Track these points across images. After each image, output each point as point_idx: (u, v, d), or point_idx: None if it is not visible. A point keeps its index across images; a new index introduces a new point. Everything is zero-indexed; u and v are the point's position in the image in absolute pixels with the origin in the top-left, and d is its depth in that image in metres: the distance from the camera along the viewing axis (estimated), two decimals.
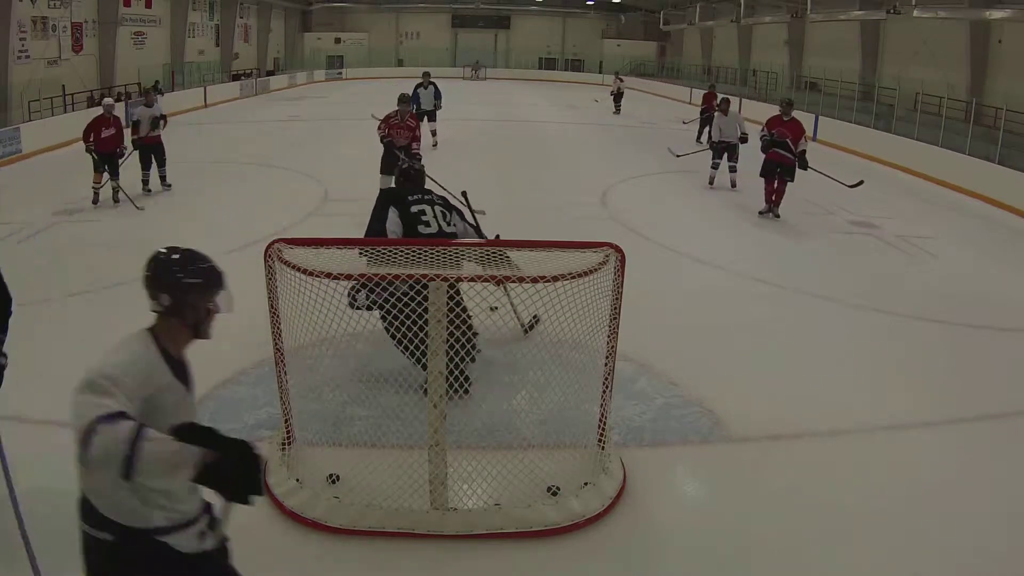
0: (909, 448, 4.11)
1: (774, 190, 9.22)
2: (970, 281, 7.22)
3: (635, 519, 3.37)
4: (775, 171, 9.14)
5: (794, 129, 9.18)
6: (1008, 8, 14.61)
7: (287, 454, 3.58)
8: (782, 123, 9.25)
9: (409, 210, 4.42)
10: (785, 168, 9.07)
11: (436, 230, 4.38)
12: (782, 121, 9.26)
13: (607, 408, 3.61)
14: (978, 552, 3.25)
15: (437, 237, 4.32)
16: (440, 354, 3.11)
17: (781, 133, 9.12)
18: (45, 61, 17.57)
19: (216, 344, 5.31)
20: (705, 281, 6.83)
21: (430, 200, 4.50)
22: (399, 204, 4.46)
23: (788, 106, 9.34)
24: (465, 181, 10.97)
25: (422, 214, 4.41)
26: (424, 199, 4.50)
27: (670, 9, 34.26)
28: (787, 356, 5.23)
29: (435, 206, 4.48)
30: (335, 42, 39.11)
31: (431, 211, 4.43)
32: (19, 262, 6.94)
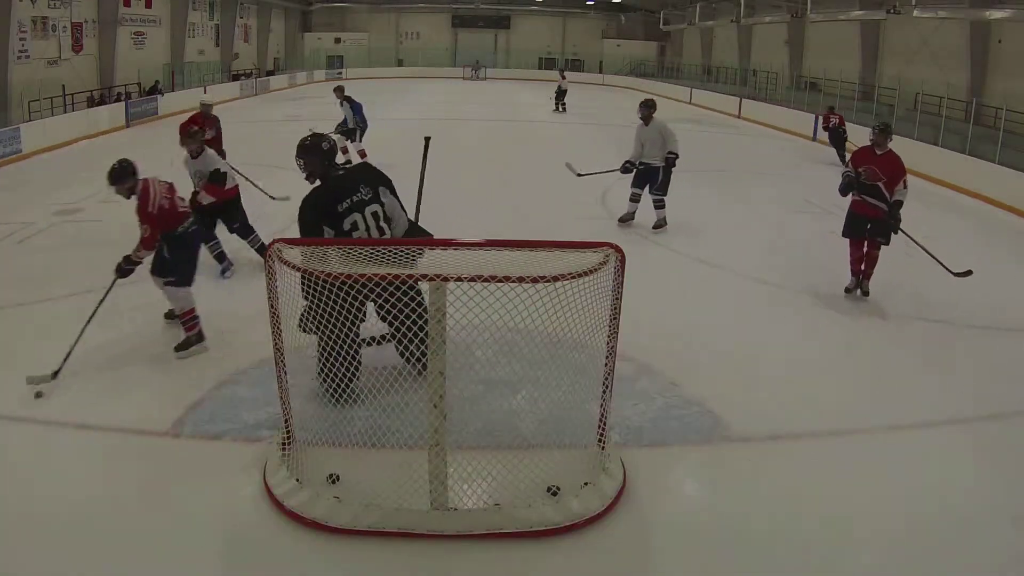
0: (909, 448, 4.11)
1: (862, 256, 6.32)
2: (970, 281, 7.21)
3: (635, 519, 3.37)
4: (863, 230, 6.21)
5: (890, 167, 6.15)
6: (1008, 8, 14.61)
7: (287, 454, 3.58)
8: (874, 157, 6.19)
9: (342, 226, 3.98)
10: (876, 225, 6.17)
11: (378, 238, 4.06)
12: (874, 155, 6.20)
13: (607, 408, 3.61)
14: (979, 553, 3.25)
15: None
16: (440, 354, 3.11)
17: (871, 173, 6.13)
18: (45, 61, 17.58)
19: (216, 344, 5.34)
20: (705, 281, 6.83)
21: (360, 202, 4.03)
22: (330, 219, 3.97)
23: (883, 133, 6.23)
24: (465, 181, 11.03)
25: (355, 228, 4.01)
26: (354, 202, 4.02)
27: (670, 9, 34.27)
28: (787, 356, 5.23)
29: (366, 208, 4.04)
30: (335, 42, 39.14)
31: (363, 221, 4.02)
32: (19, 262, 6.96)
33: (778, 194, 11.14)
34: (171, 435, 3.97)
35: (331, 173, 4.12)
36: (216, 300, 5.97)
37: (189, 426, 4.05)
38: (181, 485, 3.53)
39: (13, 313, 5.66)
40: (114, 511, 3.32)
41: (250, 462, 3.70)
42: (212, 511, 3.35)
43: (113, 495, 3.44)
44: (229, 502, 3.44)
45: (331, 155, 4.13)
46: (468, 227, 5.20)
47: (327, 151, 4.10)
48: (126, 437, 3.94)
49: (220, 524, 3.29)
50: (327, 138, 4.16)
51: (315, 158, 4.07)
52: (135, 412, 4.13)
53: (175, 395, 4.32)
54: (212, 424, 4.07)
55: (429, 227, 4.90)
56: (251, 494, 3.47)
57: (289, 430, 3.67)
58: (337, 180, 4.09)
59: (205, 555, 3.13)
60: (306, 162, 4.09)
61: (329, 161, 4.11)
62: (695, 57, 34.21)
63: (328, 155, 4.11)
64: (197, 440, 3.94)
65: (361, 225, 4.02)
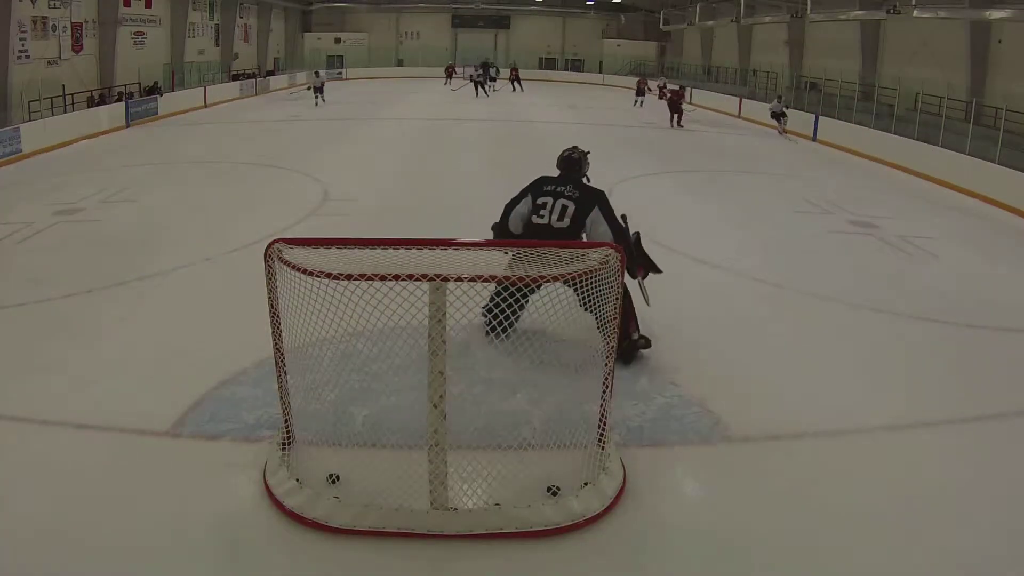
0: (909, 448, 4.11)
1: None
2: (970, 281, 7.22)
3: (635, 519, 3.37)
4: None
5: None
6: (1008, 8, 14.60)
7: (287, 454, 3.58)
8: None
9: (536, 200, 4.92)
10: None
11: (544, 223, 4.84)
12: None
13: (607, 408, 3.61)
14: (978, 552, 3.25)
15: (543, 230, 4.82)
16: (440, 354, 3.12)
17: None
18: (45, 61, 17.58)
19: (216, 344, 5.34)
20: (705, 281, 6.83)
21: (559, 193, 4.91)
22: (535, 191, 4.97)
23: None
24: (465, 181, 11.04)
25: (543, 207, 4.89)
26: (555, 191, 4.92)
27: (670, 9, 34.24)
28: (787, 356, 5.23)
29: (560, 199, 4.88)
30: (335, 42, 39.13)
31: (551, 204, 4.88)
32: (19, 262, 6.97)
33: (778, 194, 11.15)
34: (171, 435, 3.97)
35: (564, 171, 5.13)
36: (216, 300, 5.97)
37: (189, 426, 4.05)
38: (181, 485, 3.53)
39: (13, 313, 5.66)
40: (114, 511, 3.32)
41: (250, 462, 3.70)
42: (212, 511, 3.35)
43: (113, 495, 3.43)
44: (229, 502, 3.44)
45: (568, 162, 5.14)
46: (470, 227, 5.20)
47: (566, 158, 5.16)
48: (126, 437, 3.94)
49: (220, 524, 3.29)
50: (571, 150, 5.21)
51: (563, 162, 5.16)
52: (135, 412, 4.13)
53: (175, 395, 4.31)
54: (212, 424, 4.07)
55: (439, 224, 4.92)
56: (251, 494, 3.47)
57: (289, 430, 3.67)
58: (559, 177, 5.09)
59: (205, 555, 3.13)
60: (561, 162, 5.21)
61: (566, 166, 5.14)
62: (695, 57, 34.21)
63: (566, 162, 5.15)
64: (197, 440, 3.94)
65: (548, 206, 4.89)
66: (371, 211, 8.89)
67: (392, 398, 4.10)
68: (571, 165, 5.09)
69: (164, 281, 6.41)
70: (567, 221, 4.81)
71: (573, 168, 5.09)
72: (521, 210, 4.94)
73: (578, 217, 4.83)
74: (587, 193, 4.94)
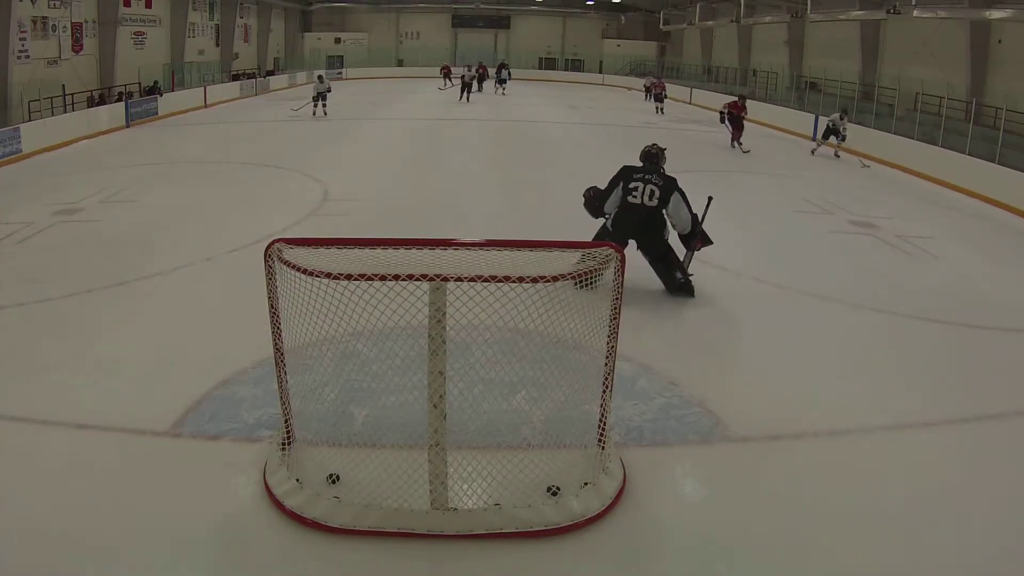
0: (909, 448, 4.11)
1: None
2: (970, 281, 7.22)
3: (635, 519, 3.37)
4: None
5: None
6: (1008, 8, 14.60)
7: (287, 454, 3.58)
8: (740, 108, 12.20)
9: (628, 184, 6.05)
10: None
11: (639, 202, 6.01)
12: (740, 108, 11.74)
13: (607, 408, 3.61)
14: (978, 552, 3.25)
15: (637, 208, 6.01)
16: (440, 354, 3.12)
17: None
18: (45, 61, 17.57)
19: (216, 344, 5.33)
20: (705, 281, 6.82)
21: (648, 179, 6.03)
22: (625, 178, 6.10)
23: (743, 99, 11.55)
24: (465, 181, 11.04)
25: (634, 189, 6.01)
26: (644, 178, 6.05)
27: (670, 9, 34.25)
28: (787, 356, 5.23)
29: (649, 184, 6.00)
30: (335, 42, 39.12)
31: (643, 187, 6.00)
32: (19, 262, 6.96)
33: (778, 194, 11.15)
34: (171, 435, 3.97)
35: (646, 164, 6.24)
36: (216, 300, 5.97)
37: (189, 426, 4.05)
38: (181, 485, 3.53)
39: (13, 313, 5.66)
40: (114, 511, 3.32)
41: (250, 462, 3.70)
42: (212, 511, 3.35)
43: (113, 495, 3.43)
44: (229, 502, 3.44)
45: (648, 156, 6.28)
46: (469, 227, 5.20)
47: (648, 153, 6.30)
48: (126, 437, 3.94)
49: (220, 524, 3.29)
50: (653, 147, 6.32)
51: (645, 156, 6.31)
52: (135, 412, 4.13)
53: (175, 395, 4.31)
54: (212, 424, 4.07)
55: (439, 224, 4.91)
56: (251, 494, 3.47)
57: (289, 430, 3.67)
58: (644, 168, 6.20)
59: (205, 555, 3.13)
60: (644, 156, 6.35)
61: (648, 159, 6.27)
62: (695, 57, 34.20)
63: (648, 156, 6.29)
64: (197, 440, 3.94)
65: (639, 191, 6.03)
66: (371, 211, 8.89)
67: (392, 398, 4.10)
68: (651, 158, 6.22)
69: (164, 281, 6.41)
70: (656, 201, 6.01)
71: (653, 160, 6.22)
72: (614, 198, 6.10)
73: (663, 198, 6.00)
74: (668, 181, 6.08)
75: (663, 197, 6.03)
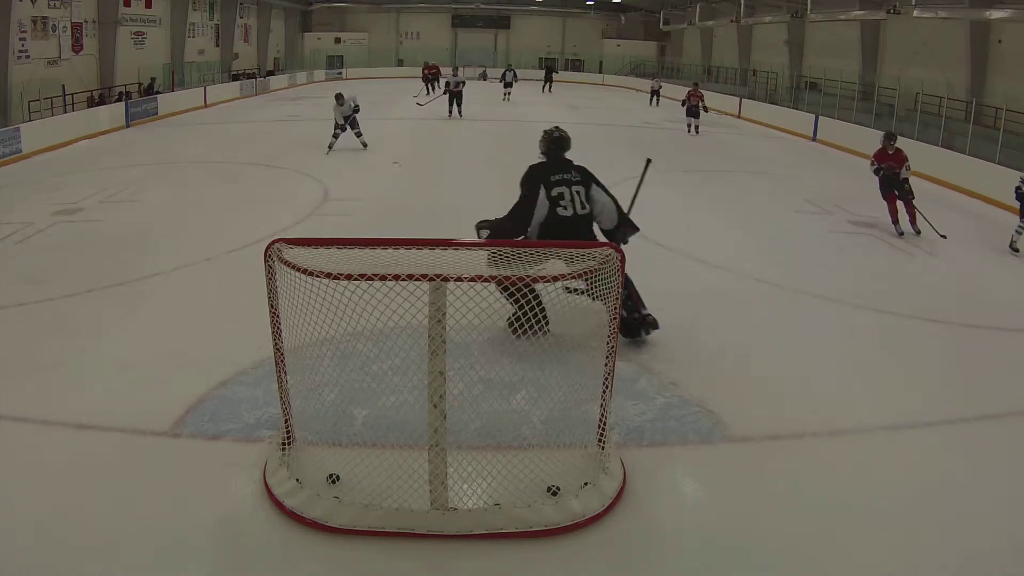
0: (909, 448, 4.11)
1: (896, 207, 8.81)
2: (970, 281, 7.22)
3: (635, 519, 3.37)
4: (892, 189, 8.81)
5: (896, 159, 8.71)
6: (1008, 8, 14.60)
7: (287, 454, 3.59)
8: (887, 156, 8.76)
9: (551, 192, 4.88)
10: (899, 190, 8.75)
11: (571, 214, 4.86)
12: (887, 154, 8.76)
13: (607, 408, 3.61)
14: (978, 552, 3.25)
15: (571, 221, 4.86)
16: (440, 354, 3.12)
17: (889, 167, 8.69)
18: (45, 61, 17.57)
19: (216, 344, 5.33)
20: (705, 281, 6.83)
21: (568, 180, 4.93)
22: (545, 184, 4.88)
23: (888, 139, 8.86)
24: (466, 181, 11.03)
25: (560, 198, 4.88)
26: (564, 179, 4.93)
27: (670, 9, 34.23)
28: (787, 356, 5.23)
29: (572, 187, 4.91)
30: (335, 42, 39.09)
31: (568, 193, 4.89)
32: (19, 262, 6.97)
33: (778, 194, 11.15)
34: (171, 435, 3.97)
35: (555, 156, 5.08)
36: (216, 300, 5.97)
37: (189, 426, 4.05)
38: (181, 485, 3.53)
39: (13, 313, 5.66)
40: (114, 511, 3.32)
41: (250, 462, 3.70)
42: (212, 511, 3.35)
43: (113, 495, 3.43)
44: (229, 502, 3.44)
45: (562, 142, 5.12)
46: (469, 227, 5.20)
47: (557, 139, 5.12)
48: (126, 437, 3.94)
49: (220, 524, 3.29)
50: (559, 130, 5.18)
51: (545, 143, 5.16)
52: (135, 412, 4.13)
53: (175, 395, 4.31)
54: (212, 424, 4.07)
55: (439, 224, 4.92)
56: (251, 494, 3.47)
57: (289, 430, 3.67)
58: (557, 162, 5.06)
59: (205, 555, 3.14)
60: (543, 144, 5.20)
61: (558, 147, 5.11)
62: (695, 57, 34.19)
63: (558, 142, 5.11)
64: (197, 440, 3.94)
65: (566, 196, 4.88)
66: (371, 211, 8.89)
67: (392, 398, 4.10)
68: (563, 145, 5.11)
69: (164, 281, 6.41)
70: (587, 207, 4.93)
71: (565, 147, 5.09)
72: (540, 213, 4.83)
73: (589, 198, 4.95)
74: (584, 174, 5.03)
75: (589, 197, 4.97)
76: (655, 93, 25.60)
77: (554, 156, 5.09)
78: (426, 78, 24.97)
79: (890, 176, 8.57)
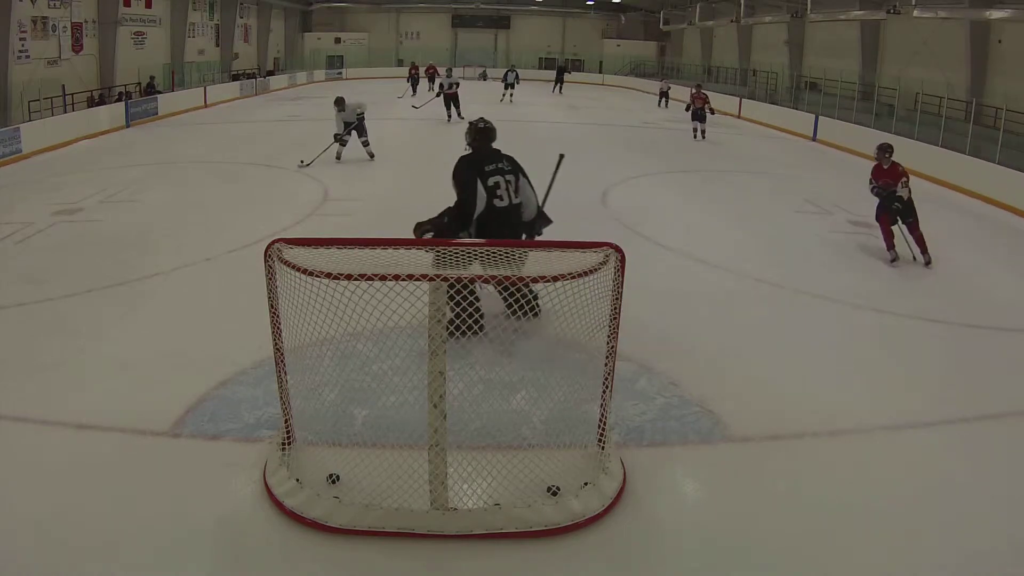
0: (909, 448, 4.11)
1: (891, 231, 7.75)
2: (970, 281, 7.22)
3: (635, 519, 3.37)
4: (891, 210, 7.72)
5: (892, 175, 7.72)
6: (1008, 8, 14.59)
7: (287, 454, 3.59)
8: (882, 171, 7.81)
9: (487, 182, 4.82)
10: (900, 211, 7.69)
11: (507, 204, 4.86)
12: (883, 169, 7.81)
13: (607, 408, 3.61)
14: (978, 552, 3.25)
15: (507, 211, 4.86)
16: (440, 354, 3.11)
17: (886, 184, 7.70)
18: (45, 61, 17.57)
19: (216, 344, 5.34)
20: (705, 281, 6.83)
21: (501, 170, 4.91)
22: (480, 174, 4.82)
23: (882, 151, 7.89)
24: None
25: (497, 187, 4.84)
26: (497, 168, 4.90)
27: (670, 9, 34.23)
28: (787, 356, 5.23)
29: (506, 175, 4.89)
30: (335, 42, 39.09)
31: (503, 183, 4.86)
32: (19, 262, 6.96)
33: (778, 194, 11.14)
34: (171, 435, 3.97)
35: (484, 147, 5.04)
36: (216, 300, 5.97)
37: (189, 426, 4.05)
38: (181, 485, 3.53)
39: (13, 313, 5.66)
40: (114, 511, 3.32)
41: (250, 462, 3.70)
42: (212, 511, 3.35)
43: (113, 495, 3.43)
44: (229, 502, 3.44)
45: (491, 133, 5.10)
46: None
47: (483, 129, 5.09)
48: (126, 437, 3.94)
49: (220, 524, 3.29)
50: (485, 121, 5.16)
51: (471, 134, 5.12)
52: (135, 412, 4.13)
53: (175, 395, 4.31)
54: (212, 424, 4.07)
55: None
56: (251, 494, 3.47)
57: (289, 430, 3.67)
58: (487, 152, 5.01)
59: (205, 555, 3.14)
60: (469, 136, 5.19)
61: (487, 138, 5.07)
62: (695, 57, 34.19)
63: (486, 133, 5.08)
64: (197, 440, 3.94)
65: (501, 186, 4.86)
66: (371, 211, 8.88)
67: (392, 398, 4.09)
68: (489, 135, 5.07)
69: (164, 281, 6.41)
70: (520, 196, 4.94)
71: (492, 138, 5.08)
72: (479, 206, 4.77)
73: (518, 188, 4.96)
74: (512, 163, 5.04)
75: (519, 187, 4.97)
76: (664, 95, 24.97)
77: (482, 147, 5.04)
78: (412, 77, 25.07)
79: (888, 196, 7.64)
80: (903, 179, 7.60)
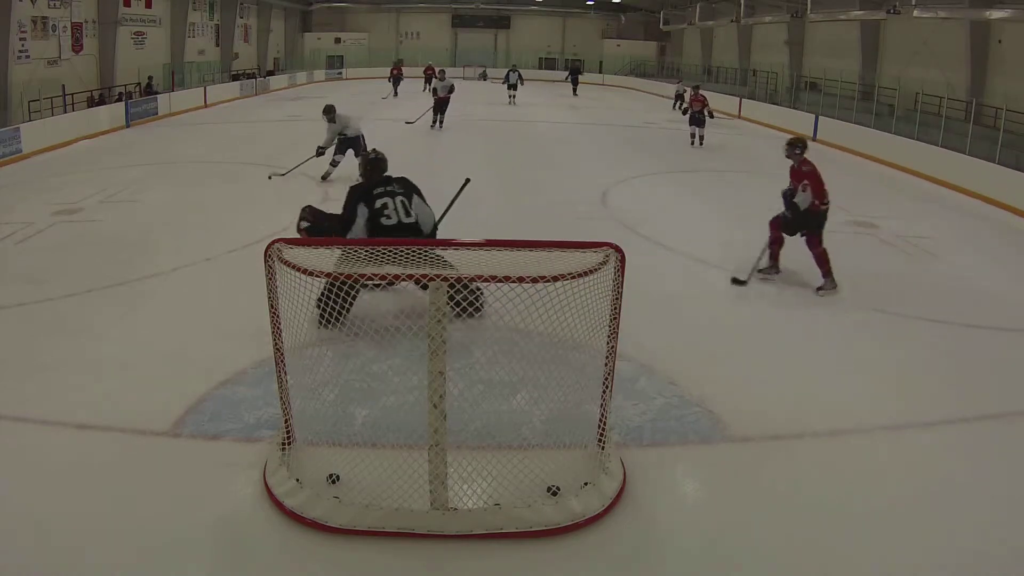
0: (909, 448, 4.11)
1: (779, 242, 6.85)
2: (970, 281, 7.22)
3: (635, 519, 3.37)
4: None
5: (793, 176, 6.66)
6: (1008, 8, 14.59)
7: (287, 454, 3.59)
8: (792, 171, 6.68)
9: (374, 205, 5.19)
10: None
11: (395, 222, 5.17)
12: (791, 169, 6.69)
13: (607, 408, 3.61)
14: (978, 552, 3.25)
15: (396, 228, 5.16)
16: (440, 354, 3.12)
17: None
18: (45, 61, 17.57)
19: (216, 344, 5.34)
20: (705, 280, 6.84)
21: (392, 192, 5.28)
22: (367, 199, 5.22)
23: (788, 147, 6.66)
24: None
25: (384, 207, 5.20)
26: (387, 191, 5.28)
27: (670, 9, 34.24)
28: (787, 356, 5.23)
29: (396, 198, 5.25)
30: (335, 42, 39.09)
31: (392, 203, 5.22)
32: (19, 262, 6.96)
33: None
34: (171, 435, 3.97)
35: (373, 177, 5.43)
36: (216, 300, 5.97)
37: (189, 426, 4.05)
38: (181, 485, 3.53)
39: (13, 313, 5.66)
40: (114, 511, 3.32)
41: (250, 462, 3.70)
42: (212, 511, 3.35)
43: (113, 495, 3.43)
44: (229, 502, 3.44)
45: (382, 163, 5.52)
46: (469, 227, 5.20)
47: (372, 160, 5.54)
48: (126, 437, 3.94)
49: (220, 524, 3.29)
50: (376, 152, 5.63)
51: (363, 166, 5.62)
52: (135, 412, 4.13)
53: (175, 395, 4.31)
54: (212, 424, 4.07)
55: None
56: (251, 494, 3.47)
57: (289, 430, 3.67)
58: (376, 180, 5.39)
59: (205, 555, 3.14)
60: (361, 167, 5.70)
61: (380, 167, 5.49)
62: (695, 57, 34.19)
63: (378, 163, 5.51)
64: (197, 440, 3.94)
65: (390, 206, 5.21)
66: None
67: (392, 398, 4.10)
68: (380, 166, 5.49)
69: (164, 281, 6.41)
70: (413, 216, 5.27)
71: (382, 168, 5.49)
72: (359, 224, 5.16)
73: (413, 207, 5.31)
74: (406, 184, 5.43)
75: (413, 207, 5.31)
76: (679, 97, 22.96)
77: (372, 176, 5.45)
78: (394, 78, 25.06)
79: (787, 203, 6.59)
80: (803, 183, 6.40)
